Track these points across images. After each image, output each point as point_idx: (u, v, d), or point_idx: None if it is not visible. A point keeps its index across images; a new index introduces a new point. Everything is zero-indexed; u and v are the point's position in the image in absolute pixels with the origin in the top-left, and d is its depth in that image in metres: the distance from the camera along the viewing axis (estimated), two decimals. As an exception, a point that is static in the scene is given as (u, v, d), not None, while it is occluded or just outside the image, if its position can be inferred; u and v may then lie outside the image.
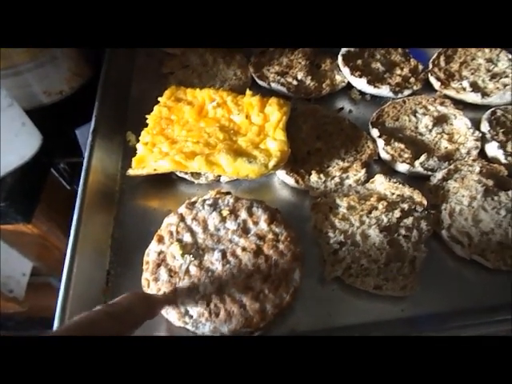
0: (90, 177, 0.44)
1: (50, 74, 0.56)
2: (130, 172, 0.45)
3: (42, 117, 0.56)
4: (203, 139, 0.44)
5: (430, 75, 0.56)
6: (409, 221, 0.40)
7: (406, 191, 0.43)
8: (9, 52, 0.52)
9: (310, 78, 0.55)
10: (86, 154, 0.45)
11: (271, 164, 0.42)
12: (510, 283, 0.38)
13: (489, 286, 0.39)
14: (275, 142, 0.43)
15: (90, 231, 0.41)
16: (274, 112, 0.46)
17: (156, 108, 0.50)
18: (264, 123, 0.46)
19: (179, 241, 0.37)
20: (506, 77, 0.55)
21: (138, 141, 0.48)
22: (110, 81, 0.55)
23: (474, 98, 0.53)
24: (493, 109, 0.51)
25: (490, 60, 0.58)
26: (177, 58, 0.60)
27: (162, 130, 0.47)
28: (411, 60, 0.59)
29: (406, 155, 0.46)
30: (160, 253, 0.37)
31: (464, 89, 0.54)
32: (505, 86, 0.54)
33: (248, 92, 0.49)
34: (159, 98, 0.51)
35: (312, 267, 0.39)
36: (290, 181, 0.45)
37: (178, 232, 0.38)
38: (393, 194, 0.43)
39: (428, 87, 0.56)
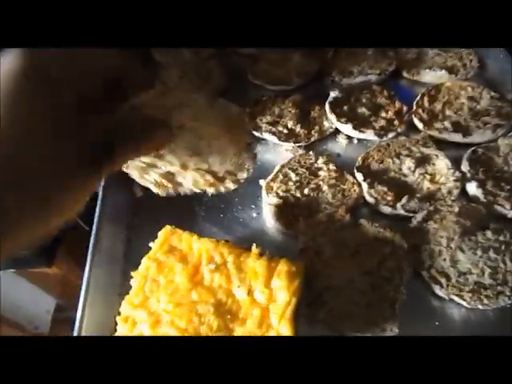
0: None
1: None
2: None
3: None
4: (192, 326, 0.38)
5: (413, 116, 0.60)
6: (390, 263, 0.43)
7: (388, 235, 0.46)
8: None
9: (299, 125, 0.59)
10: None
11: None
12: (488, 321, 0.41)
13: (468, 323, 0.41)
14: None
15: (100, 286, 0.47)
16: (282, 290, 0.39)
17: (145, 261, 0.43)
18: (269, 303, 0.39)
19: None
20: (488, 115, 0.58)
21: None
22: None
23: (455, 137, 0.56)
24: (473, 148, 0.54)
25: (472, 98, 0.61)
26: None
27: (146, 300, 0.41)
28: (396, 102, 0.62)
29: (389, 198, 0.50)
30: None
31: (446, 129, 0.57)
32: (485, 124, 0.57)
33: (254, 250, 0.41)
34: (151, 244, 0.44)
35: (301, 309, 0.42)
36: (280, 227, 0.48)
37: None
38: (375, 237, 0.46)
39: (413, 128, 0.60)
